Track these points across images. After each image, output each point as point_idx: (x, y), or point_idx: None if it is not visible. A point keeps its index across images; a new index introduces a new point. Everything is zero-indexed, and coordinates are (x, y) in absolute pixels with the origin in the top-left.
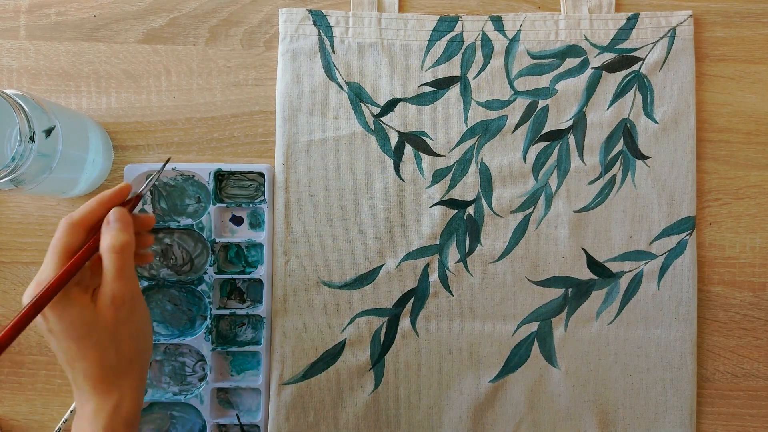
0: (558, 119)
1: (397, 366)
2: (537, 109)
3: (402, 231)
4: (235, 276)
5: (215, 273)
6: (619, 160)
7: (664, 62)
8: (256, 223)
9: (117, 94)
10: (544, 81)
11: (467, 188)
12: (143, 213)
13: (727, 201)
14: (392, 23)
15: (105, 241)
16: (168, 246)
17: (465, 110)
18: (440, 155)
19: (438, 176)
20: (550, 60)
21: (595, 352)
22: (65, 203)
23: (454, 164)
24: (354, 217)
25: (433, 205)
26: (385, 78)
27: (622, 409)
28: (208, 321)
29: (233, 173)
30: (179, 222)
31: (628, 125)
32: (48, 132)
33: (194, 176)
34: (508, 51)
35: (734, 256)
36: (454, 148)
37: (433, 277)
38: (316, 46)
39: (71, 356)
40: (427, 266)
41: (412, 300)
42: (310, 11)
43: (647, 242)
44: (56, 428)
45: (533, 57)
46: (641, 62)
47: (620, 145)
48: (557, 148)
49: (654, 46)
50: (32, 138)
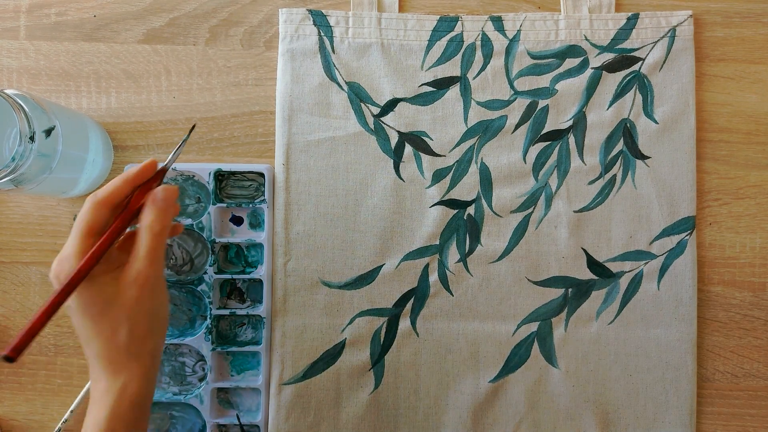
0: (558, 119)
1: (397, 366)
2: (537, 109)
3: (402, 231)
4: (235, 276)
5: (215, 273)
6: (619, 160)
7: (664, 62)
8: (256, 223)
9: (117, 94)
10: (544, 81)
11: (467, 188)
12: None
13: (727, 201)
14: (392, 23)
15: (146, 220)
16: (168, 246)
17: (465, 110)
18: (440, 155)
19: (438, 176)
20: (550, 60)
21: (595, 352)
22: (65, 203)
23: (454, 164)
24: (354, 217)
25: (433, 205)
26: (385, 78)
27: (622, 409)
28: (208, 321)
29: (233, 173)
30: (179, 222)
31: (628, 125)
32: (48, 132)
33: (194, 176)
34: (508, 51)
35: (734, 256)
36: (454, 148)
37: (433, 277)
38: (316, 46)
39: (86, 334)
40: (427, 266)
41: (412, 300)
42: (310, 11)
43: (647, 242)
44: (56, 428)
45: (533, 57)
46: (641, 62)
47: (620, 145)
48: (557, 148)
49: (654, 46)
50: (32, 138)
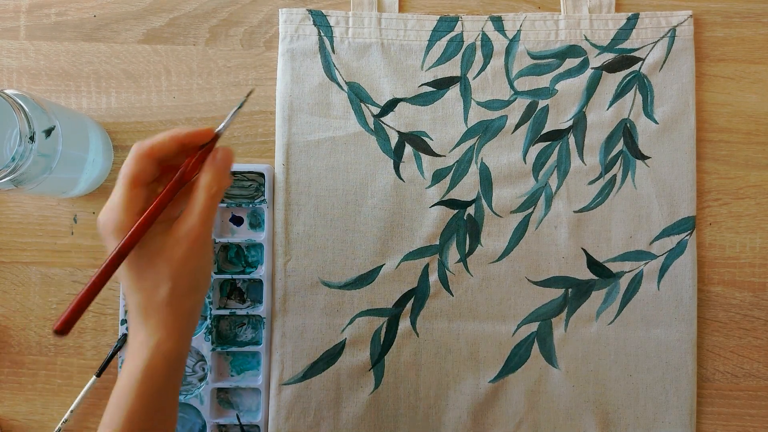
0: (558, 119)
1: (397, 366)
2: (537, 109)
3: (402, 231)
4: (235, 276)
5: (215, 273)
6: (619, 160)
7: (664, 62)
8: (256, 223)
9: (117, 94)
10: (544, 81)
11: (467, 188)
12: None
13: (727, 201)
14: (392, 23)
15: (204, 179)
16: None
17: (465, 110)
18: (440, 155)
19: (438, 176)
20: (550, 60)
21: (595, 353)
22: (65, 203)
23: (454, 164)
24: (354, 218)
25: (433, 206)
26: (385, 78)
27: (622, 409)
28: (208, 321)
29: (233, 173)
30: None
31: (628, 125)
32: (48, 132)
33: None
34: (508, 51)
35: (734, 256)
36: (454, 148)
37: (433, 278)
38: (316, 46)
39: (129, 285)
40: (427, 266)
41: (412, 300)
42: (310, 11)
43: (647, 242)
44: (56, 428)
45: (533, 57)
46: (641, 62)
47: (620, 145)
48: (557, 148)
49: (654, 46)
50: (32, 138)
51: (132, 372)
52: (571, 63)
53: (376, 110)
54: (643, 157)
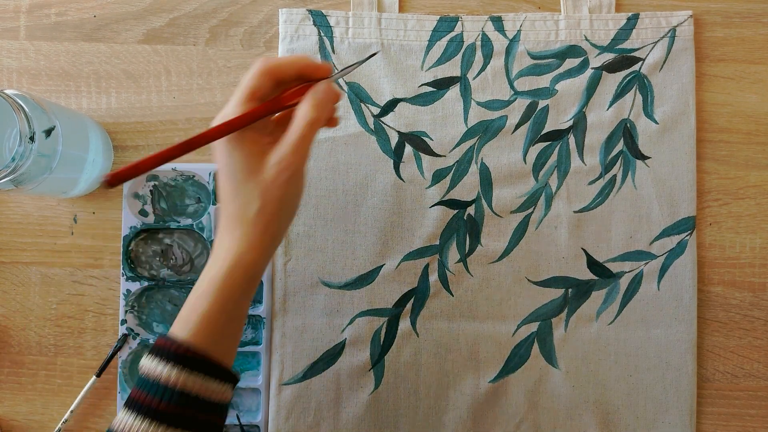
0: (558, 119)
1: (397, 366)
2: (537, 110)
3: (402, 231)
4: None
5: None
6: (619, 161)
7: (664, 62)
8: None
9: (117, 94)
10: (544, 81)
11: (467, 188)
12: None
13: (727, 201)
14: (392, 23)
15: (304, 108)
16: (168, 246)
17: (465, 110)
18: (440, 155)
19: (438, 176)
20: (550, 60)
21: (595, 353)
22: (65, 203)
23: (454, 164)
24: (354, 218)
25: (433, 206)
26: (385, 78)
27: (622, 410)
28: None
29: None
30: (179, 222)
31: (628, 125)
32: (48, 132)
33: (194, 176)
34: (508, 51)
35: (734, 257)
36: (454, 149)
37: (433, 278)
38: (316, 47)
39: (225, 195)
40: (427, 266)
41: (412, 300)
42: (310, 11)
43: (647, 242)
44: (56, 428)
45: (533, 57)
46: (641, 62)
47: (620, 146)
48: (557, 149)
49: (654, 47)
50: (32, 138)
51: (214, 277)
52: (571, 63)
53: (376, 110)
54: (643, 157)
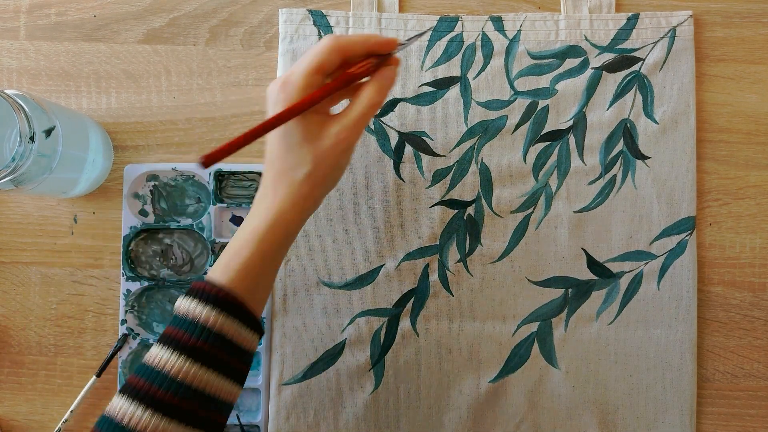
0: (558, 119)
1: (397, 366)
2: (537, 109)
3: (402, 231)
4: None
5: None
6: (619, 161)
7: (664, 62)
8: None
9: (117, 94)
10: (544, 81)
11: (467, 188)
12: None
13: (727, 201)
14: (392, 23)
15: (371, 91)
16: (168, 246)
17: (465, 110)
18: (440, 155)
19: (438, 176)
20: (550, 60)
21: (595, 353)
22: (65, 203)
23: (454, 164)
24: (354, 218)
25: (433, 206)
26: None
27: (622, 410)
28: None
29: (233, 173)
30: (179, 222)
31: (628, 125)
32: (48, 132)
33: (194, 176)
34: (508, 51)
35: (734, 257)
36: (454, 148)
37: (433, 278)
38: None
39: (273, 155)
40: (427, 266)
41: (412, 300)
42: (310, 11)
43: (647, 242)
44: (56, 428)
45: (533, 57)
46: (641, 62)
47: (620, 146)
48: (557, 149)
49: (654, 47)
50: (32, 138)
51: (256, 228)
52: (571, 63)
53: None
54: (643, 157)
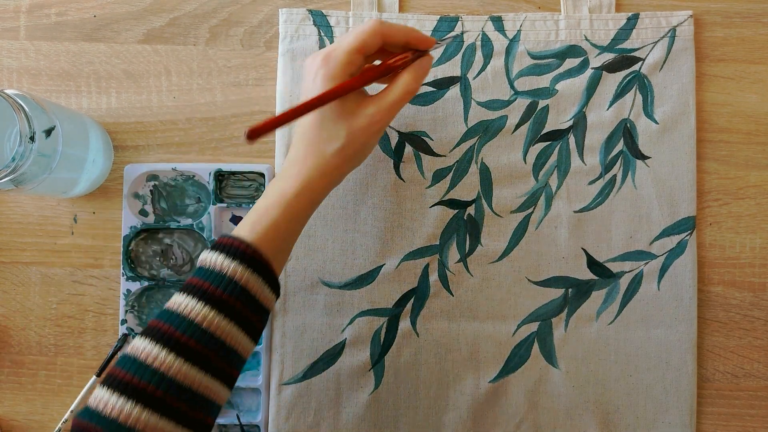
0: (558, 119)
1: (397, 366)
2: (537, 109)
3: (402, 231)
4: None
5: None
6: (619, 160)
7: (665, 62)
8: None
9: (117, 94)
10: (545, 81)
11: (467, 188)
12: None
13: (727, 201)
14: None
15: (408, 77)
16: (168, 246)
17: (465, 110)
18: (440, 155)
19: (438, 176)
20: (550, 60)
21: (595, 353)
22: (65, 203)
23: (454, 164)
24: (354, 217)
25: (433, 205)
26: None
27: (622, 410)
28: None
29: (233, 173)
30: (179, 222)
31: (628, 125)
32: (48, 132)
33: (194, 176)
34: (509, 51)
35: (734, 257)
36: (455, 148)
37: (433, 277)
38: (317, 46)
39: (309, 125)
40: (427, 266)
41: (412, 300)
42: (311, 11)
43: (647, 242)
44: (56, 428)
45: (533, 57)
46: (641, 62)
47: (620, 145)
48: (557, 149)
49: (654, 47)
50: (32, 138)
51: (284, 191)
52: (571, 63)
53: None
54: (643, 157)
